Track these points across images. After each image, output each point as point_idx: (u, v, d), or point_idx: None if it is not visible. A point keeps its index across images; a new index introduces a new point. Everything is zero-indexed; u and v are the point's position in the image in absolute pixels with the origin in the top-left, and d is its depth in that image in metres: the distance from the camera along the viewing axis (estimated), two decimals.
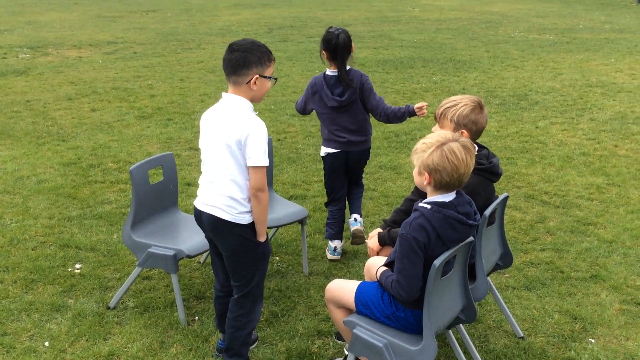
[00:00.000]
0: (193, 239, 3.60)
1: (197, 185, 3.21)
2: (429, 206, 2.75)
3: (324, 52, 4.14)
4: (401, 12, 22.06)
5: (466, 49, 13.64)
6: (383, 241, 3.34)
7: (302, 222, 4.14)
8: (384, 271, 2.89)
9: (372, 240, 3.38)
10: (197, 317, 3.70)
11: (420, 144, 2.79)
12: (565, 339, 3.52)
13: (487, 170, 3.17)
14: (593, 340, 3.50)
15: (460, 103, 3.19)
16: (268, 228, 3.93)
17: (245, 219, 3.00)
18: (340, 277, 4.18)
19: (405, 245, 2.71)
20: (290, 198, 5.47)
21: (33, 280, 4.04)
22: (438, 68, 11.41)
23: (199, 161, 3.12)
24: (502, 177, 3.65)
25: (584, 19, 19.18)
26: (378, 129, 7.61)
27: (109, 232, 4.76)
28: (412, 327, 2.82)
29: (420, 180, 2.79)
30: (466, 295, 2.96)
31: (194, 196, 3.16)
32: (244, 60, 2.92)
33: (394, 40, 15.12)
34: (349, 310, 3.04)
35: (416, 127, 7.62)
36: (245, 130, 2.88)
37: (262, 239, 3.07)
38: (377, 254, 3.39)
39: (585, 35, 15.47)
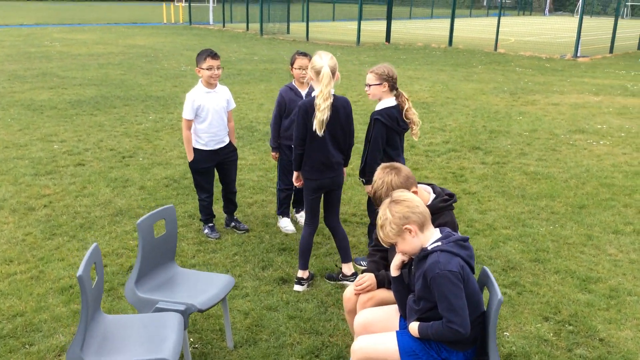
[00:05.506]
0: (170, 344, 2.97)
1: None
2: (439, 243, 2.92)
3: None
4: (42, 47, 20.31)
5: (152, 84, 13.46)
6: (382, 283, 3.36)
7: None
8: (422, 325, 2.91)
9: (368, 280, 3.37)
10: None
11: (378, 222, 2.96)
12: None
13: (453, 202, 3.48)
14: (508, 334, 4.15)
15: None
16: (207, 310, 3.48)
17: None
18: (263, 340, 3.94)
19: (443, 283, 2.80)
20: (107, 265, 4.80)
21: None
22: (144, 106, 11.04)
23: None
24: None
25: (230, 51, 20.73)
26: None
27: None
28: None
29: (409, 240, 2.91)
30: None
31: None
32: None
33: (64, 78, 13.93)
34: None
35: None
36: None
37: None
38: (364, 304, 3.38)
39: (247, 66, 16.84)
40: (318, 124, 4.21)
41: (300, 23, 30.76)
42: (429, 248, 2.91)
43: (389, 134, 4.62)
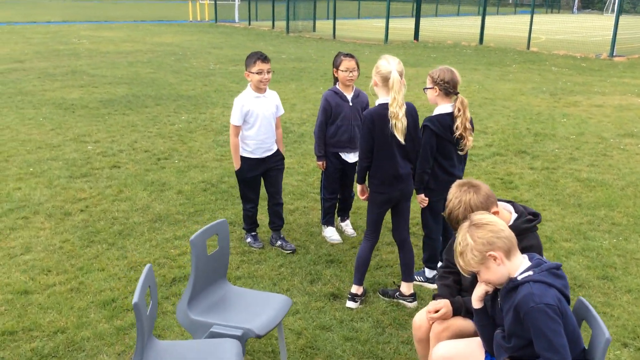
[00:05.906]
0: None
1: None
2: (530, 272, 2.61)
3: None
4: (70, 44, 20.27)
5: (182, 83, 13.26)
6: (459, 311, 3.04)
7: None
8: None
9: (444, 306, 3.05)
10: None
11: (457, 248, 2.66)
12: None
13: (537, 224, 3.15)
14: None
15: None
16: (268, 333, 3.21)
17: None
18: None
19: (540, 318, 2.49)
20: (166, 278, 4.53)
21: None
22: (175, 106, 10.82)
23: None
24: None
25: (257, 49, 20.47)
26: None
27: None
28: None
29: (494, 269, 2.61)
30: None
31: None
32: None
33: (94, 76, 13.80)
34: None
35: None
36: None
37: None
38: (438, 334, 3.06)
39: (275, 65, 16.57)
40: (399, 132, 3.99)
41: (325, 21, 30.45)
42: (519, 278, 2.60)
43: (440, 143, 4.29)
